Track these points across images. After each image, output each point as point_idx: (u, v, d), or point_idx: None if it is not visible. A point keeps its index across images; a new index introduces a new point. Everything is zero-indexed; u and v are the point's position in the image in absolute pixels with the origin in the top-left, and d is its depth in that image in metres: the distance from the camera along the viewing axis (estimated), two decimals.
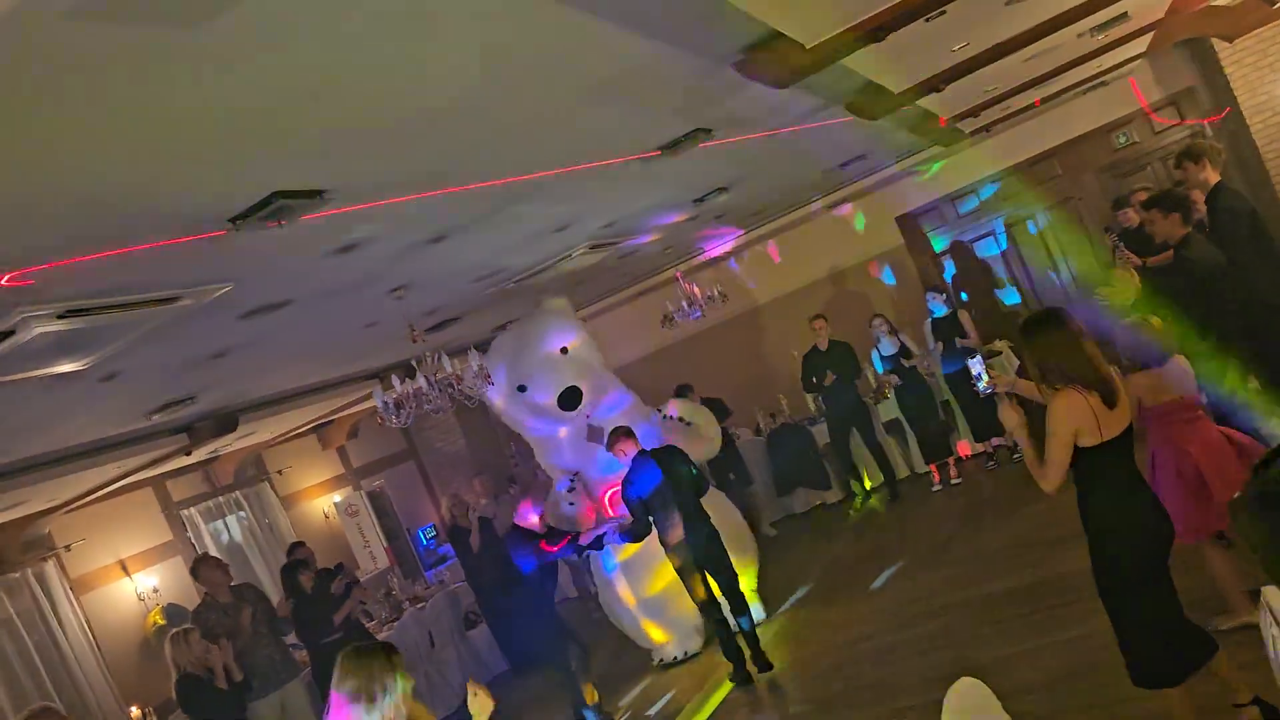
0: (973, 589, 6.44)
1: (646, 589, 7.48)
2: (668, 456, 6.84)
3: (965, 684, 2.94)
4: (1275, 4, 6.85)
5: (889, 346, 9.32)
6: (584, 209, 6.23)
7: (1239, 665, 4.14)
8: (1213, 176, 5.56)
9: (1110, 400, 3.42)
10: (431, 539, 12.36)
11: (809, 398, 10.60)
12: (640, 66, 3.89)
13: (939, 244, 11.76)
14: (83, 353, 4.56)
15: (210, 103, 2.72)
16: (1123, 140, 10.92)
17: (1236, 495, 1.79)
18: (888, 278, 11.84)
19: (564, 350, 8.11)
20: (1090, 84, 9.73)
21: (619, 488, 7.05)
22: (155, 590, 9.57)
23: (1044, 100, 9.46)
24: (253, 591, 7.25)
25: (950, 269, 11.62)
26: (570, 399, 7.83)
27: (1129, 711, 4.25)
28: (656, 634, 7.62)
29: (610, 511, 7.74)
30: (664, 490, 6.59)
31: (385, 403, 5.50)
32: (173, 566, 9.90)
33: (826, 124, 6.51)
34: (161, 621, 9.20)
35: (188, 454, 8.29)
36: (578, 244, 7.39)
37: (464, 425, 13.41)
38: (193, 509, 10.26)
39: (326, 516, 11.81)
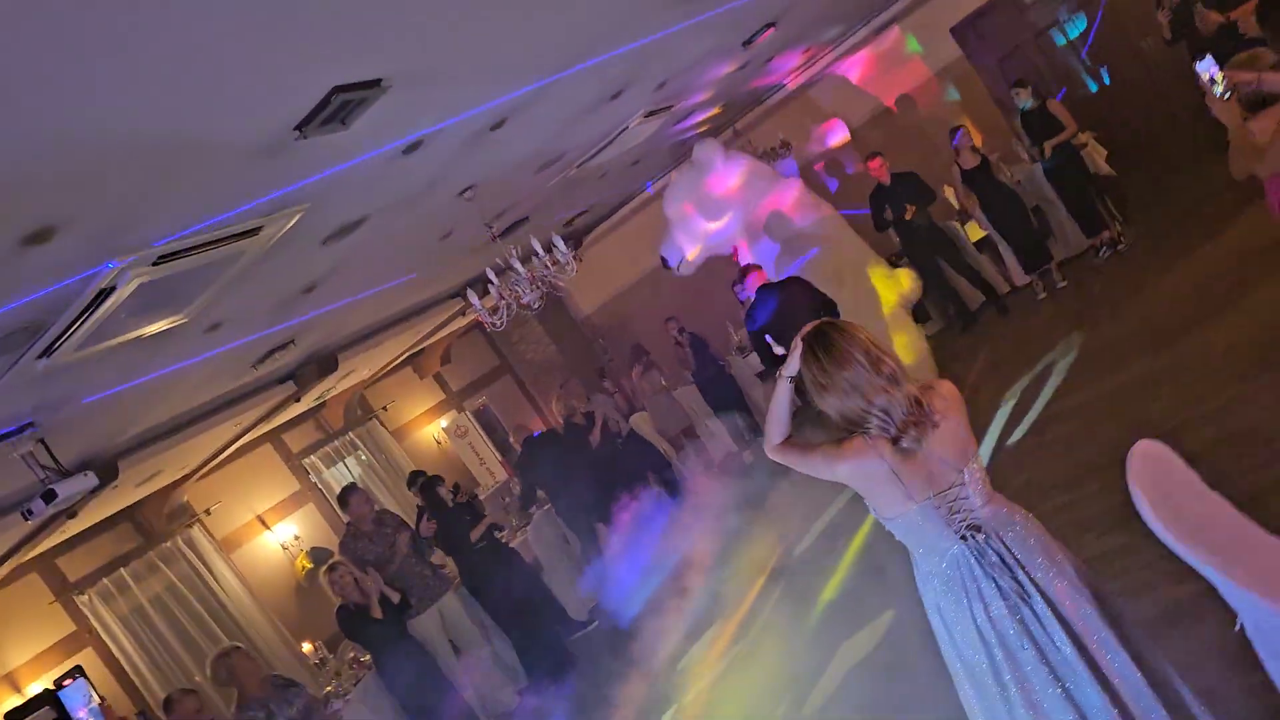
0: (1105, 381, 6.22)
1: None
2: (788, 288, 6.73)
3: (1144, 445, 2.79)
4: None
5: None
6: (632, 69, 6.00)
7: None
8: None
9: None
10: None
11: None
12: None
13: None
14: (182, 303, 4.59)
15: None
16: None
17: None
18: (953, 94, 11.29)
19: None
20: None
21: None
22: (296, 538, 9.93)
23: None
24: (393, 518, 7.45)
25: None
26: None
27: None
28: None
29: None
30: (778, 322, 6.49)
31: (481, 308, 5.44)
32: (306, 513, 10.25)
33: None
34: (309, 564, 9.56)
35: (297, 400, 8.45)
36: (633, 113, 7.18)
37: (550, 331, 13.45)
38: (312, 456, 10.55)
39: (438, 442, 12.04)
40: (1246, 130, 3.30)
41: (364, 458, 10.94)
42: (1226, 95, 3.39)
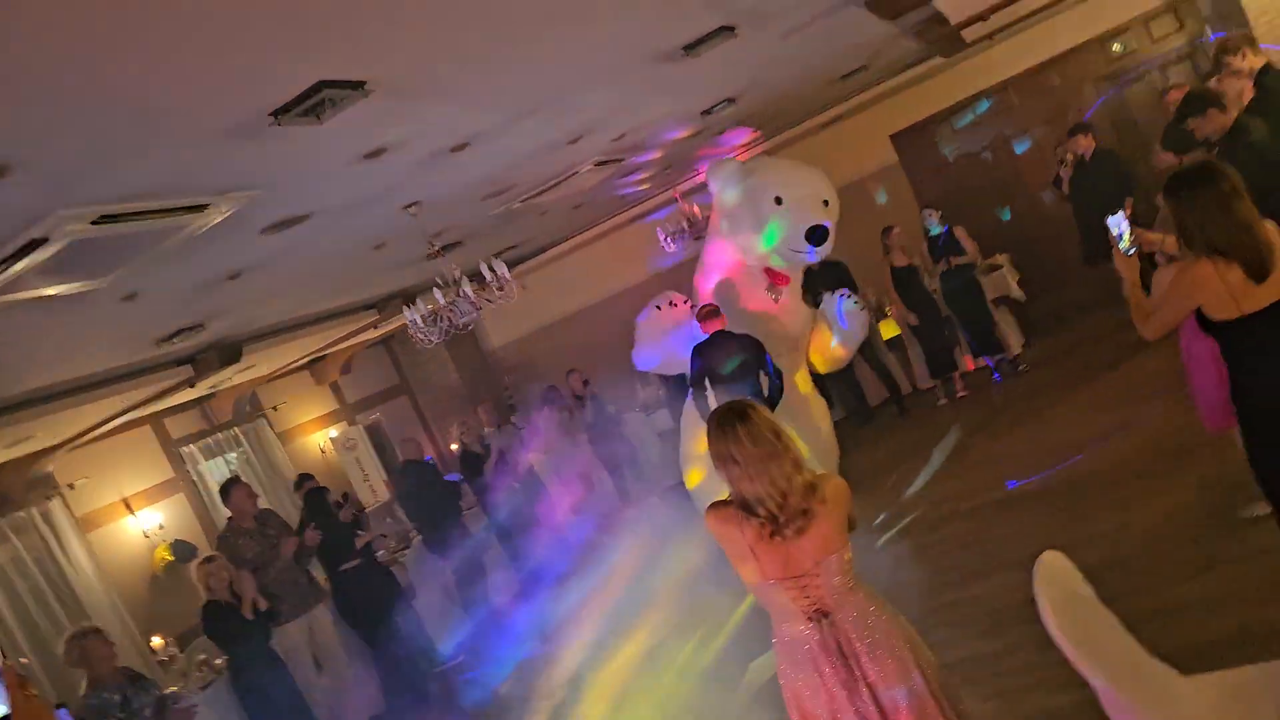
0: (994, 492, 6.50)
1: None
2: (736, 344, 6.85)
3: (1050, 554, 2.94)
4: None
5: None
6: (598, 117, 6.10)
7: (1259, 550, 4.24)
8: (1257, 60, 5.46)
9: (1257, 274, 3.02)
10: None
11: None
12: None
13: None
14: (106, 267, 4.43)
15: None
16: (1119, 49, 10.84)
17: None
18: (881, 197, 11.77)
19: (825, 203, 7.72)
20: None
21: None
22: (160, 527, 9.48)
23: (1045, 9, 9.34)
24: (276, 519, 7.22)
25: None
26: (818, 236, 7.46)
27: (1174, 593, 4.32)
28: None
29: None
30: (711, 374, 6.61)
31: (415, 319, 5.39)
32: (175, 504, 9.81)
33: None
34: (169, 557, 9.13)
35: (191, 385, 8.15)
36: (586, 159, 7.27)
37: (455, 359, 13.32)
38: (192, 446, 10.14)
39: (323, 451, 11.73)
40: (1139, 291, 3.50)
41: (245, 455, 10.57)
42: (1130, 251, 3.55)
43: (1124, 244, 3.51)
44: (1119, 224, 3.51)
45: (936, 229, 9.13)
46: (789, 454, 2.69)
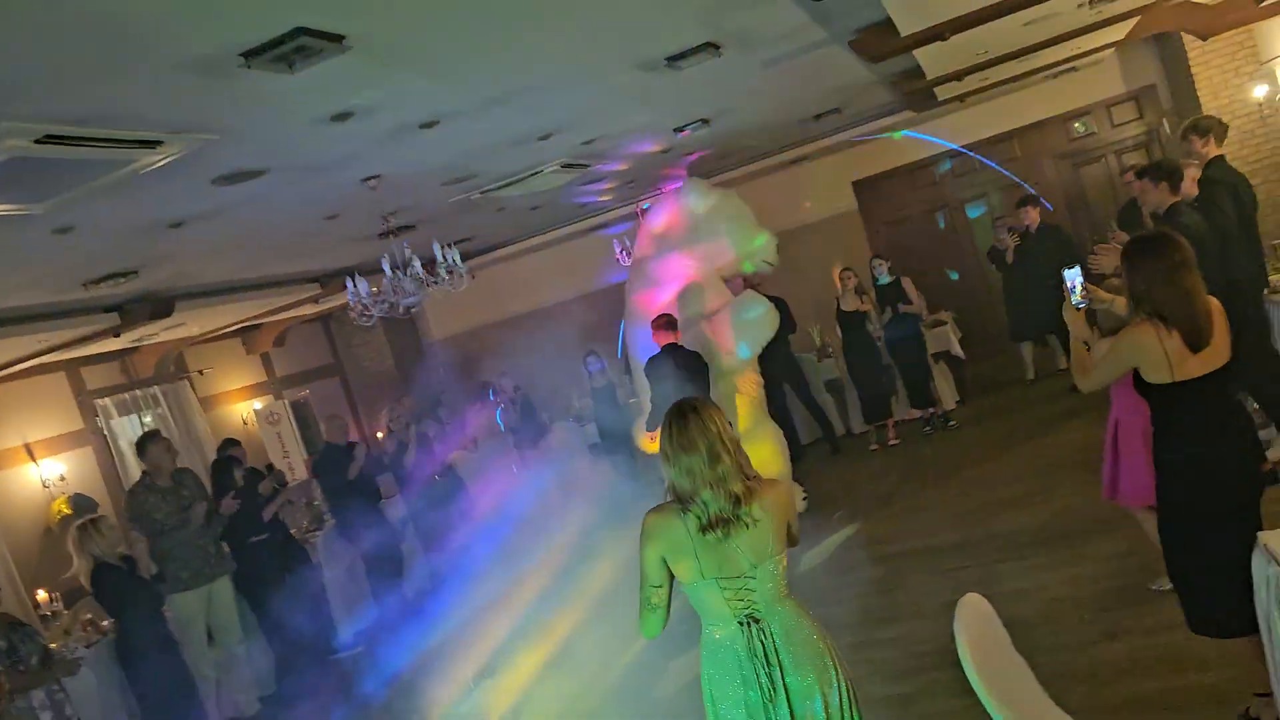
0: (915, 541, 6.54)
1: None
2: (681, 360, 6.85)
3: (972, 597, 2.94)
4: (1262, 2, 7.00)
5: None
6: (571, 117, 6.06)
7: (1165, 624, 4.32)
8: (1212, 150, 5.64)
9: (1194, 343, 3.17)
10: None
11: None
12: None
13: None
14: (44, 192, 4.25)
15: None
16: (1080, 129, 11.15)
17: None
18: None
19: None
20: (1061, 68, 9.86)
21: None
22: (61, 478, 9.12)
23: (1016, 79, 9.57)
24: (193, 479, 6.94)
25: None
26: None
27: (1079, 658, 4.37)
28: None
29: None
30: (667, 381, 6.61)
31: (358, 293, 5.26)
32: (80, 457, 9.45)
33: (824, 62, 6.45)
34: (67, 510, 8.77)
35: (116, 334, 7.88)
36: (552, 159, 7.22)
37: (393, 345, 13.12)
38: (107, 400, 9.79)
39: (245, 422, 11.42)
40: (1081, 345, 3.61)
41: (162, 416, 10.23)
42: (1081, 305, 3.69)
43: (1075, 297, 3.64)
44: (1075, 277, 3.64)
45: (885, 279, 9.25)
46: (731, 457, 2.74)
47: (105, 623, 6.70)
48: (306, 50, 3.41)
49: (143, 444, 6.75)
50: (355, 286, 5.52)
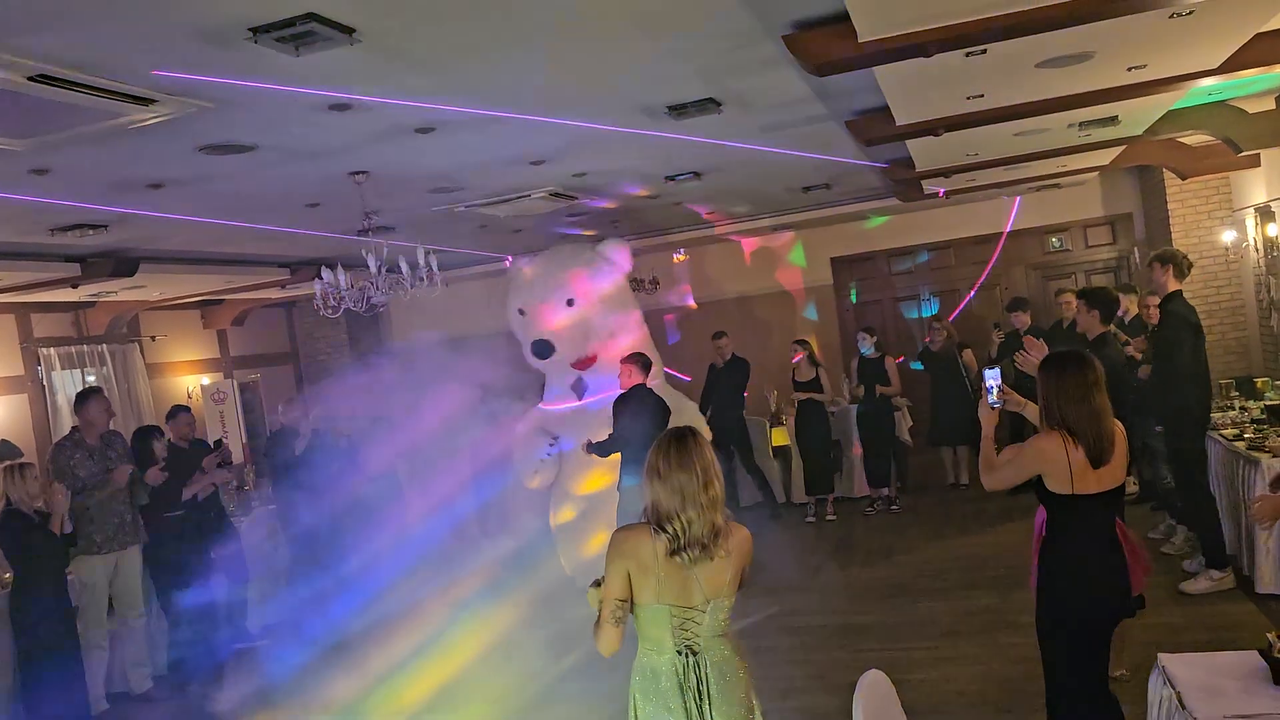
0: (834, 617, 6.58)
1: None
2: (648, 403, 6.83)
3: (874, 674, 2.98)
4: (1240, 152, 7.29)
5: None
6: (566, 147, 6.13)
7: None
8: (1172, 284, 5.85)
9: (1096, 459, 3.37)
10: None
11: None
12: (697, 3, 3.86)
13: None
14: (27, 131, 4.23)
15: None
16: (1056, 244, 11.45)
17: None
18: (810, 313, 12.07)
19: (570, 303, 7.98)
20: (1046, 183, 10.15)
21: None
22: None
23: (1001, 185, 9.83)
24: (121, 443, 6.82)
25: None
26: (541, 349, 7.91)
27: None
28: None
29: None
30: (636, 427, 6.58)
31: (332, 282, 5.25)
32: (13, 403, 9.27)
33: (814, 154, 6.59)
34: None
35: (74, 286, 7.79)
36: (542, 186, 7.29)
37: (354, 342, 13.04)
38: (52, 350, 9.62)
39: (190, 396, 11.25)
40: (991, 443, 3.73)
41: (107, 375, 10.06)
42: (996, 405, 3.83)
43: (992, 397, 3.79)
44: (994, 377, 3.81)
45: (869, 352, 9.37)
46: (710, 489, 2.84)
47: (7, 575, 6.52)
48: (314, 36, 3.45)
49: (82, 398, 6.63)
50: (332, 276, 5.50)
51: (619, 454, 6.82)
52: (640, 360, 7.04)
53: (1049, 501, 3.52)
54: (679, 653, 2.89)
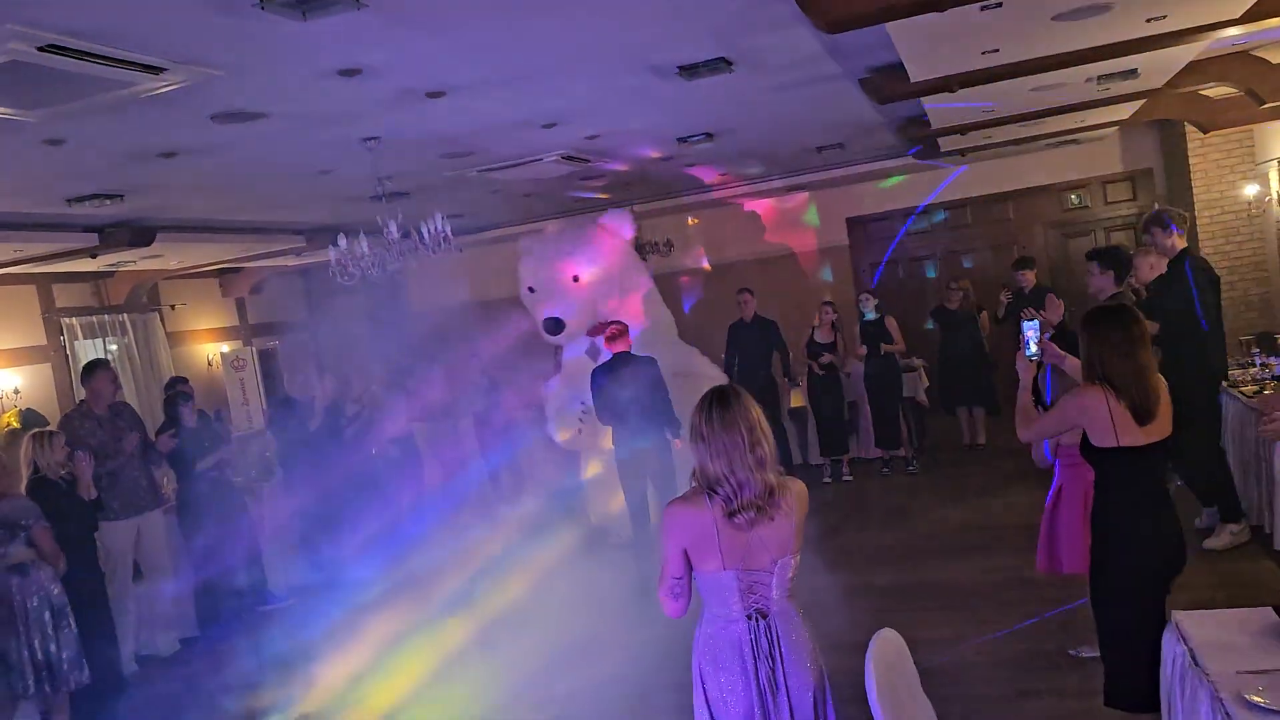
0: (850, 576, 6.60)
1: None
2: (635, 364, 6.84)
3: (887, 632, 3.00)
4: (1264, 103, 7.16)
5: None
6: (577, 109, 6.09)
7: (1077, 691, 4.42)
8: (1179, 243, 5.80)
9: (1140, 414, 3.29)
10: None
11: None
12: None
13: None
14: (40, 101, 4.24)
15: None
16: (1075, 201, 11.33)
17: None
18: (826, 274, 12.02)
19: (575, 279, 8.25)
20: (1064, 138, 10.02)
21: None
22: (16, 391, 9.06)
23: (1018, 142, 9.70)
24: (130, 412, 6.92)
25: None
26: (552, 327, 8.24)
27: (989, 711, 4.44)
28: None
29: None
30: (620, 394, 6.62)
31: (348, 250, 5.26)
32: (38, 372, 9.39)
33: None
34: (16, 424, 8.68)
35: (93, 256, 7.85)
36: (554, 149, 7.25)
37: (372, 310, 13.07)
38: (75, 320, 9.73)
39: (210, 364, 11.37)
40: (1029, 394, 3.72)
41: (128, 344, 10.18)
42: (1033, 357, 3.80)
43: (1030, 349, 3.73)
44: (1033, 328, 3.73)
45: (871, 315, 9.33)
46: (758, 449, 2.74)
47: (61, 564, 6.62)
48: (323, 0, 3.43)
49: (89, 370, 6.72)
50: (348, 243, 5.51)
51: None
52: (620, 329, 7.08)
53: (1095, 457, 3.43)
54: (749, 618, 2.81)
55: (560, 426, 8.34)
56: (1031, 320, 3.80)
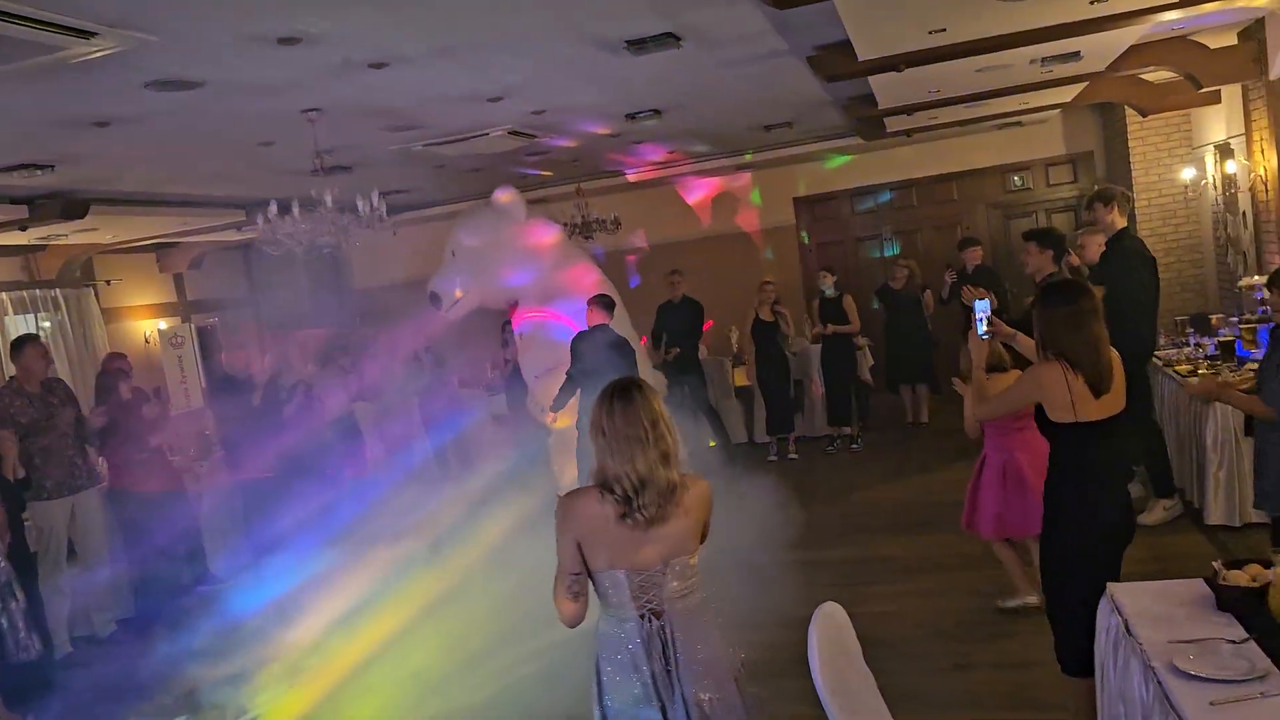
0: (795, 552, 6.65)
1: None
2: (605, 339, 6.86)
3: (830, 605, 3.03)
4: (1201, 88, 7.31)
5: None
6: (523, 83, 6.02)
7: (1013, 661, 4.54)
8: (1119, 221, 5.91)
9: (1096, 387, 3.34)
10: None
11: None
12: None
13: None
14: None
15: None
16: (1018, 183, 11.49)
17: None
18: (768, 254, 12.06)
19: (453, 254, 8.53)
20: (1007, 120, 10.15)
21: None
22: None
23: (963, 124, 9.80)
24: (63, 388, 6.73)
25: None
26: (431, 299, 8.66)
27: (926, 683, 4.52)
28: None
29: None
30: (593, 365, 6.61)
31: (278, 220, 5.15)
32: None
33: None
34: None
35: (22, 229, 7.61)
36: (500, 124, 7.17)
37: (313, 286, 12.87)
38: (4, 294, 9.42)
39: (147, 341, 11.10)
40: (982, 373, 3.78)
41: (60, 321, 9.89)
42: (985, 336, 3.87)
43: (981, 328, 3.78)
44: (984, 309, 3.77)
45: (830, 292, 9.40)
46: (659, 445, 2.65)
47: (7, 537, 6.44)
48: None
49: (18, 345, 6.50)
50: (275, 215, 5.39)
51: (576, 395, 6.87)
52: (602, 301, 7.06)
53: (1052, 432, 3.48)
54: (642, 618, 2.73)
55: (550, 410, 7.77)
56: (982, 300, 3.85)
